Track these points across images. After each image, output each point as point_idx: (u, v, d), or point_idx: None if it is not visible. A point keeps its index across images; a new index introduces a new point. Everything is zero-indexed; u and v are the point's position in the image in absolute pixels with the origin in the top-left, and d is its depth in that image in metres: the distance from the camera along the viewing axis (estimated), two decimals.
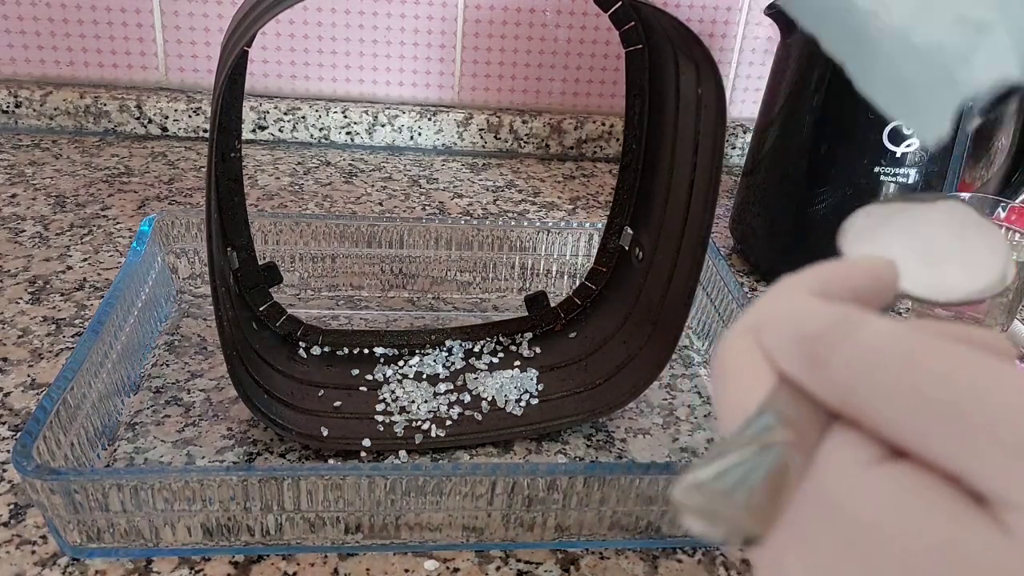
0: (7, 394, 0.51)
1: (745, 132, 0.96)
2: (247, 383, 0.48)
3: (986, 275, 0.27)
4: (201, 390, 0.53)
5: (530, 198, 0.85)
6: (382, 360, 0.56)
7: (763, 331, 0.21)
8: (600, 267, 0.59)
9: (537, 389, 0.55)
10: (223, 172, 0.51)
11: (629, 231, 0.57)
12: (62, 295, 0.61)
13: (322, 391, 0.53)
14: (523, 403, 0.53)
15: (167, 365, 0.55)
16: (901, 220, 0.27)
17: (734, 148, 0.97)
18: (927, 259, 0.26)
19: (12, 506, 0.44)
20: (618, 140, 0.95)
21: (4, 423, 0.49)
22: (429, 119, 0.93)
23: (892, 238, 0.26)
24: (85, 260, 0.66)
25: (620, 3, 0.50)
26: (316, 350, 0.56)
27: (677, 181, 0.51)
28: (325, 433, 0.49)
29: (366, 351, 0.57)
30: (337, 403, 0.52)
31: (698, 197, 0.49)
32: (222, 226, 0.52)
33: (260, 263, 0.55)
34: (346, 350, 0.57)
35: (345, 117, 0.91)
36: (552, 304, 0.61)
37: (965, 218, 0.28)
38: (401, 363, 0.56)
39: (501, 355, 0.58)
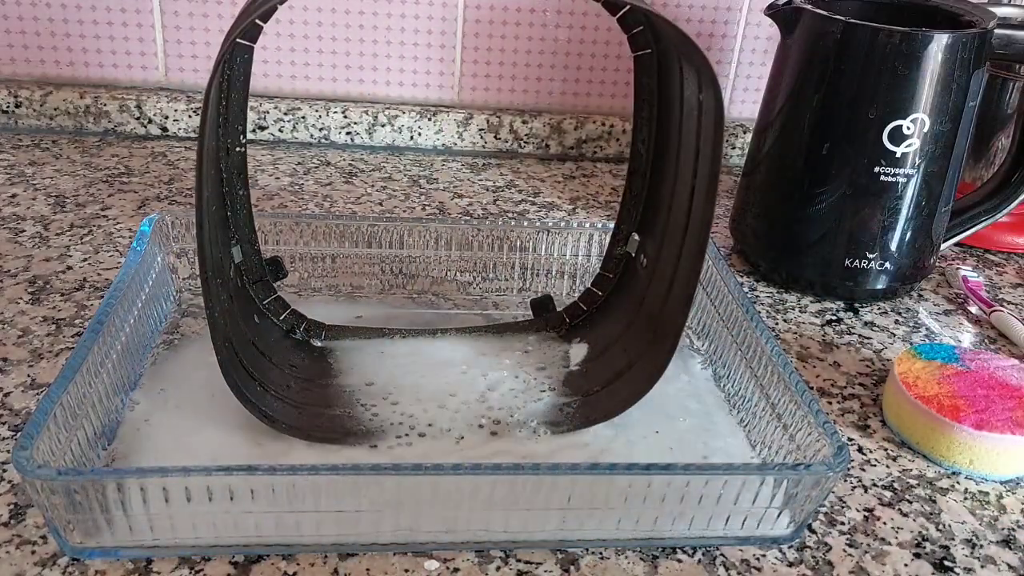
0: (7, 394, 0.51)
1: (745, 132, 0.96)
2: (240, 376, 0.48)
3: None
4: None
5: (530, 198, 0.85)
6: None
7: None
8: (606, 273, 0.59)
9: None
10: (228, 166, 0.51)
11: (636, 237, 0.57)
12: (62, 295, 0.61)
13: (322, 386, 0.53)
14: None
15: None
16: None
17: (734, 148, 0.97)
18: None
19: (12, 506, 0.44)
20: (618, 140, 0.95)
21: (4, 423, 0.49)
22: (429, 119, 0.93)
23: None
24: (85, 260, 0.66)
25: (628, 8, 0.50)
26: (318, 344, 0.56)
27: (680, 187, 0.51)
28: (322, 430, 0.49)
29: None
30: (337, 399, 0.52)
31: (698, 204, 0.49)
32: (226, 219, 0.52)
33: (265, 257, 0.55)
34: None
35: (345, 117, 0.92)
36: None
37: None
38: None
39: None
